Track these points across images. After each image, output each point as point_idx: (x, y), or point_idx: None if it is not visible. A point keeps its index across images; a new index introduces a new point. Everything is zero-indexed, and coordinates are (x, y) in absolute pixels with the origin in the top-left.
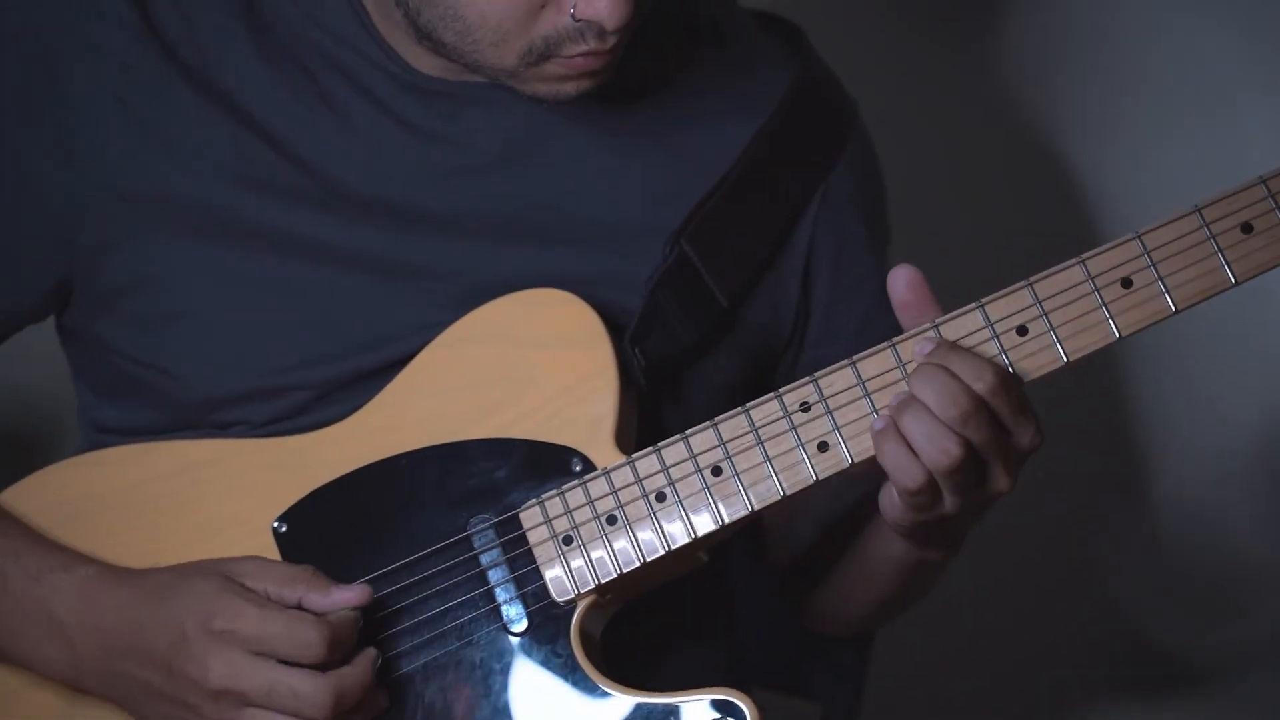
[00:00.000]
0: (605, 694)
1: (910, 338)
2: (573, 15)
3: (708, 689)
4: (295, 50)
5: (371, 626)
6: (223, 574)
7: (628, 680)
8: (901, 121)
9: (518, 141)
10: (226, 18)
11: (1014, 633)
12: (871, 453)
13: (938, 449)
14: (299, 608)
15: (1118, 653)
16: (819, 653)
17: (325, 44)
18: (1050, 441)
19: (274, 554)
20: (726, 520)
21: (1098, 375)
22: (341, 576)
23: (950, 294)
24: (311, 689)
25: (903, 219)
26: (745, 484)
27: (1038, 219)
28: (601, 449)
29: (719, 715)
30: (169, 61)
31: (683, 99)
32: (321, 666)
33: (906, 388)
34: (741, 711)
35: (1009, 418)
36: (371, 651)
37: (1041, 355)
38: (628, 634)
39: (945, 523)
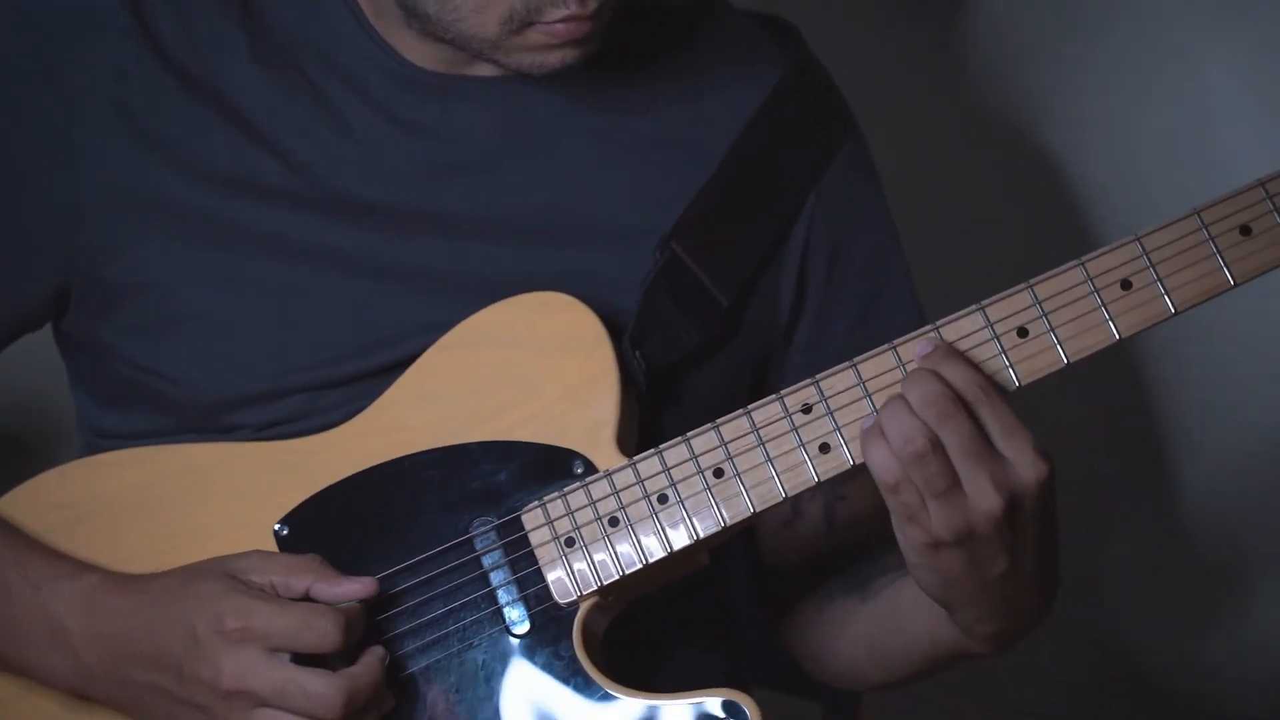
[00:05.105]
0: (608, 695)
1: (911, 340)
2: None
3: (711, 690)
4: (291, 51)
5: (374, 629)
6: (228, 573)
7: (629, 681)
8: (898, 124)
9: (513, 138)
10: (223, 22)
11: None
12: None
13: (904, 437)
14: (306, 598)
15: (1123, 653)
16: None
17: (321, 43)
18: (1072, 448)
19: None
20: (728, 521)
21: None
22: None
23: (950, 296)
24: (324, 688)
25: (902, 222)
26: (747, 485)
27: (1037, 221)
28: (603, 451)
29: (723, 717)
30: (166, 68)
31: (675, 96)
32: (332, 664)
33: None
34: (745, 713)
35: (997, 431)
36: (380, 650)
37: (1042, 357)
38: (629, 635)
39: (957, 571)
